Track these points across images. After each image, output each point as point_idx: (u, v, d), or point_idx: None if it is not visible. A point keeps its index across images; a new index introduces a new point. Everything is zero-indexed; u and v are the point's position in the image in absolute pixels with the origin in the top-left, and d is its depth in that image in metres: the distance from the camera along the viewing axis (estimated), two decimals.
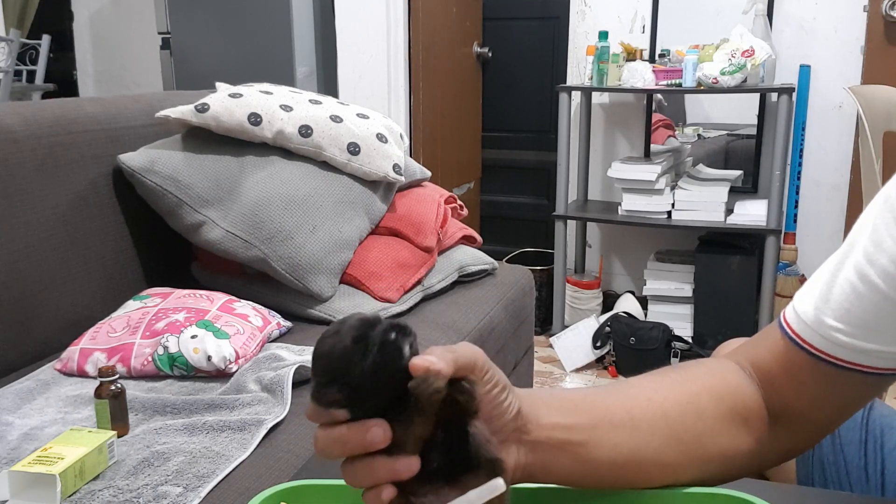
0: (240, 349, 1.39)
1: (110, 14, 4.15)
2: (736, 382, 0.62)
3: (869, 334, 0.56)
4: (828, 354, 0.58)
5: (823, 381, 0.59)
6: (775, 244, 2.78)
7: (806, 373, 0.59)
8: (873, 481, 0.77)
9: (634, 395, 0.59)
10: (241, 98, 1.76)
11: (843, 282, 0.58)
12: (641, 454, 0.55)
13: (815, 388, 0.60)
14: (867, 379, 0.58)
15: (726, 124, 3.24)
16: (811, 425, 0.62)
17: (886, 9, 2.75)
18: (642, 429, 0.56)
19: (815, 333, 0.58)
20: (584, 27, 3.24)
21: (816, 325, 0.58)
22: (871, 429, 0.79)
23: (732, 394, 0.60)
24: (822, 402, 0.60)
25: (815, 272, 0.62)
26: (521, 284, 2.06)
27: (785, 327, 0.61)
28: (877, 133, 2.09)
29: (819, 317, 0.58)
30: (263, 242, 1.64)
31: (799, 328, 0.59)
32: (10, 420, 1.22)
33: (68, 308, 1.56)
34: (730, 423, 0.59)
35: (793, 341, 0.60)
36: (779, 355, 0.61)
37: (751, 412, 0.60)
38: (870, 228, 0.57)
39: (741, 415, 0.60)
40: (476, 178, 3.70)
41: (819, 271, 0.61)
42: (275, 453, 1.14)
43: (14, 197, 1.47)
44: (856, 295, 0.56)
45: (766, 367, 0.62)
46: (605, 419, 0.55)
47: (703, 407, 0.59)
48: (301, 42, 3.13)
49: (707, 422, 0.58)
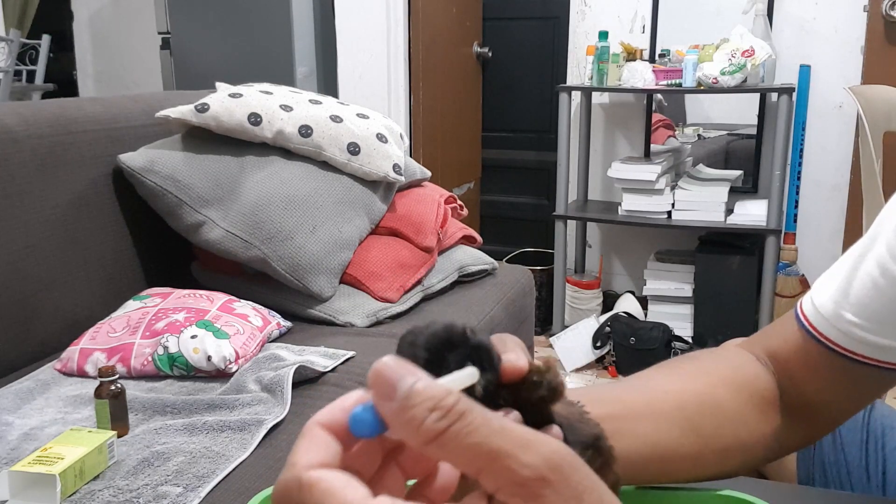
0: (240, 349, 1.39)
1: (110, 14, 4.15)
2: (753, 372, 0.61)
3: (888, 330, 0.56)
4: (845, 349, 0.58)
5: (839, 374, 0.59)
6: (775, 244, 2.78)
7: (822, 365, 0.59)
8: (874, 481, 0.77)
9: (652, 388, 0.58)
10: (241, 98, 1.76)
11: (864, 276, 0.57)
12: (663, 446, 0.54)
13: (831, 379, 0.59)
14: (884, 374, 0.58)
15: (726, 124, 3.24)
16: (826, 415, 0.62)
17: (886, 9, 2.75)
18: (662, 421, 0.55)
19: (832, 328, 0.58)
20: (584, 27, 3.24)
21: (835, 319, 0.58)
22: (872, 429, 0.79)
23: (749, 384, 0.60)
24: (837, 393, 0.60)
25: (834, 265, 0.61)
26: (521, 284, 2.06)
27: (802, 319, 0.60)
28: (877, 133, 2.09)
29: (838, 311, 0.58)
30: (263, 242, 1.64)
31: (816, 321, 0.59)
32: (10, 420, 1.22)
33: (68, 308, 1.56)
34: (748, 414, 0.59)
35: (810, 334, 0.59)
36: (795, 346, 0.61)
37: (767, 402, 0.60)
38: (894, 222, 0.56)
39: (758, 405, 0.60)
40: (476, 178, 3.70)
41: (838, 264, 0.61)
42: (275, 453, 1.14)
43: (14, 197, 1.47)
44: (876, 290, 0.56)
45: (782, 357, 0.62)
46: (626, 411, 0.54)
47: (721, 398, 0.58)
48: (301, 42, 3.13)
49: (725, 412, 0.58)
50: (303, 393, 1.31)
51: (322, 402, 1.29)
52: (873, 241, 0.58)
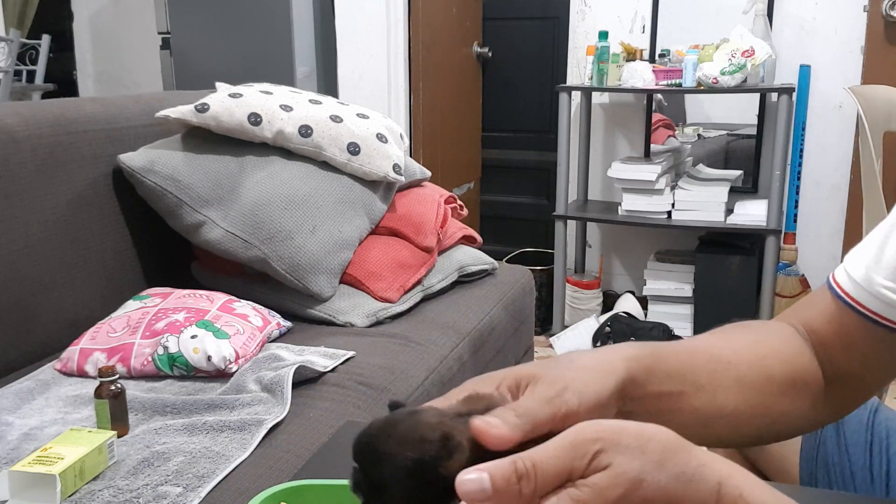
0: (240, 349, 1.39)
1: (110, 14, 4.15)
2: (797, 346, 0.63)
3: None
4: (879, 315, 0.58)
5: (874, 343, 0.60)
6: (775, 244, 2.78)
7: (857, 334, 0.60)
8: (878, 483, 0.77)
9: (717, 358, 0.59)
10: (241, 98, 1.76)
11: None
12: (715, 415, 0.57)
13: (867, 349, 0.60)
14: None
15: (726, 124, 3.24)
16: (860, 385, 0.64)
17: (886, 9, 2.75)
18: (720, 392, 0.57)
19: (866, 293, 0.59)
20: (584, 27, 3.24)
21: (867, 284, 0.59)
22: (876, 431, 0.79)
23: (794, 358, 0.61)
24: (872, 362, 0.61)
25: (867, 236, 0.62)
26: (521, 284, 2.06)
27: (836, 288, 0.61)
28: (877, 133, 2.08)
29: (870, 276, 0.58)
30: (263, 242, 1.64)
31: (850, 288, 0.60)
32: (10, 420, 1.22)
33: (68, 308, 1.56)
34: (791, 387, 0.60)
35: (844, 302, 0.60)
36: (830, 317, 0.62)
37: (810, 376, 0.62)
38: None
39: (802, 378, 0.61)
40: (476, 178, 3.70)
41: (871, 235, 0.62)
42: (275, 453, 1.14)
43: (14, 197, 1.46)
44: None
45: (818, 328, 0.63)
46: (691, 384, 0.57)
47: (773, 370, 0.60)
48: (301, 42, 3.13)
49: (774, 385, 0.60)
50: (303, 393, 1.31)
51: (322, 402, 1.30)
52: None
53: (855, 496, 0.76)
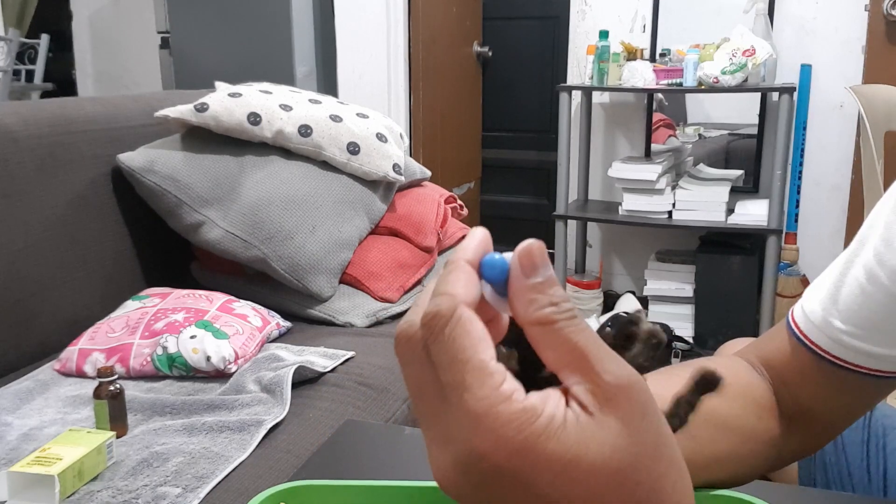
0: (239, 349, 1.39)
1: (110, 14, 4.15)
2: (747, 380, 0.61)
3: (876, 336, 0.55)
4: (835, 357, 0.57)
5: (832, 382, 0.58)
6: (776, 244, 2.78)
7: (815, 373, 0.58)
8: (875, 482, 0.76)
9: None
10: (241, 97, 1.75)
11: (852, 281, 0.56)
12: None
13: (825, 388, 0.59)
14: (876, 381, 0.57)
15: (727, 124, 3.24)
16: (822, 425, 0.62)
17: (887, 8, 2.75)
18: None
19: (822, 334, 0.57)
20: (584, 27, 3.23)
21: (824, 326, 0.57)
22: (873, 430, 0.78)
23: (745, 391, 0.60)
24: (832, 401, 0.60)
25: (825, 270, 0.61)
26: None
27: (793, 327, 0.60)
28: (878, 133, 2.08)
29: (827, 318, 0.57)
30: (263, 242, 1.64)
31: (807, 328, 0.59)
32: (9, 420, 1.21)
33: (67, 308, 1.55)
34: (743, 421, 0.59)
35: (800, 341, 0.59)
36: (788, 355, 0.60)
37: (764, 409, 0.60)
38: (881, 227, 0.55)
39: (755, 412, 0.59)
40: (476, 178, 3.70)
41: (829, 269, 0.60)
42: (274, 454, 1.14)
43: (13, 197, 1.46)
44: (864, 295, 0.55)
45: (776, 365, 0.61)
46: None
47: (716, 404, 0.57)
48: (301, 42, 3.12)
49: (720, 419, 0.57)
50: (302, 393, 1.30)
51: (322, 402, 1.29)
52: (861, 245, 0.57)
53: (852, 496, 0.75)
